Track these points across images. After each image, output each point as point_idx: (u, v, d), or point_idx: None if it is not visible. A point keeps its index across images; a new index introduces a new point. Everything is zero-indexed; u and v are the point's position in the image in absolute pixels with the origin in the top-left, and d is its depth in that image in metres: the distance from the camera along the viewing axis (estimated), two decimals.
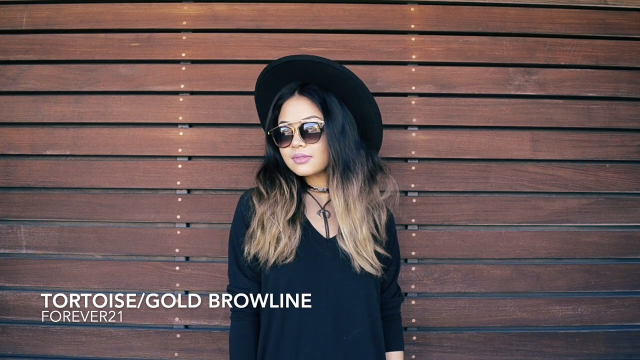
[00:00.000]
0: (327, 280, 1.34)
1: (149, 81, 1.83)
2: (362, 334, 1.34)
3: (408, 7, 1.86)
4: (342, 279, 1.35)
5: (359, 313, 1.35)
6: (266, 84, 1.43)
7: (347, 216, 1.34)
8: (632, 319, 1.80)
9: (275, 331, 1.33)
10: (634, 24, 1.86)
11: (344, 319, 1.33)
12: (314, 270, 1.35)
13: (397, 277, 1.53)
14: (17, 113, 1.83)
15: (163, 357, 1.77)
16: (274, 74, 1.40)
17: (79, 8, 1.85)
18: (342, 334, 1.32)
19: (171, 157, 1.83)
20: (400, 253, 1.57)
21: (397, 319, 1.54)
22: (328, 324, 1.32)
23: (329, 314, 1.32)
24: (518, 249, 1.81)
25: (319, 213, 1.43)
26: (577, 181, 1.83)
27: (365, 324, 1.35)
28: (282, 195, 1.37)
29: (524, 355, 1.78)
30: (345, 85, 1.37)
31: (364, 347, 1.34)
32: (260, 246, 1.35)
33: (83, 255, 1.81)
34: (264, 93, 1.46)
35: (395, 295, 1.52)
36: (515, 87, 1.85)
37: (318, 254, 1.36)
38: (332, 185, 1.35)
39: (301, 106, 1.36)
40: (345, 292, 1.34)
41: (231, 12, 1.85)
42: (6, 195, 1.82)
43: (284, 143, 1.37)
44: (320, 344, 1.31)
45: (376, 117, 1.43)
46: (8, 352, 1.78)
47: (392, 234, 1.51)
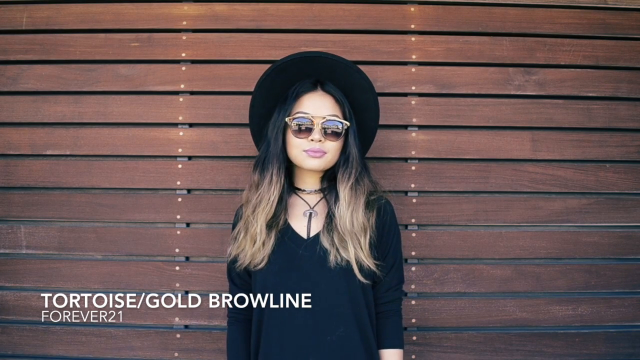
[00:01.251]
0: (304, 281, 1.34)
1: (149, 81, 1.83)
2: (348, 332, 1.32)
3: (408, 7, 1.86)
4: (321, 278, 1.34)
5: (342, 311, 1.33)
6: (278, 75, 1.43)
7: (352, 217, 1.35)
8: (632, 319, 1.80)
9: (263, 334, 1.36)
10: (634, 24, 1.86)
11: (324, 319, 1.32)
12: (287, 272, 1.35)
13: (394, 272, 1.44)
14: (17, 113, 1.83)
15: (163, 357, 1.77)
16: (285, 68, 1.41)
17: (79, 8, 1.85)
18: (324, 333, 1.32)
19: (171, 157, 1.83)
20: (400, 248, 1.49)
21: (393, 315, 1.44)
22: (308, 325, 1.32)
23: (308, 313, 1.32)
24: (518, 249, 1.81)
25: (305, 214, 1.42)
26: (577, 181, 1.83)
27: (350, 323, 1.33)
28: (267, 197, 1.38)
29: (524, 355, 1.78)
30: (350, 79, 1.43)
31: (350, 346, 1.32)
32: (241, 248, 1.38)
33: (83, 255, 1.81)
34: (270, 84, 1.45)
35: (390, 290, 1.43)
36: (515, 87, 1.85)
37: (294, 255, 1.36)
38: (344, 185, 1.38)
39: (327, 103, 1.39)
40: (324, 290, 1.33)
41: (231, 12, 1.85)
42: (6, 195, 1.82)
43: (301, 134, 1.37)
44: (301, 344, 1.31)
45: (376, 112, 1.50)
46: (8, 352, 1.78)
47: (389, 227, 1.45)
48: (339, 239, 1.34)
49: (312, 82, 1.42)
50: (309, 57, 1.41)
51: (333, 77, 1.43)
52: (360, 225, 1.36)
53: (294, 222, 1.41)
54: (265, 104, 1.47)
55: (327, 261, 1.33)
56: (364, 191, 1.40)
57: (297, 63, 1.41)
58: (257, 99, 1.48)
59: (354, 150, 1.40)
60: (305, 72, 1.42)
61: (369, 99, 1.47)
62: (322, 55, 1.43)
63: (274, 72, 1.42)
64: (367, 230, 1.37)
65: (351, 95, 1.44)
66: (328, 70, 1.42)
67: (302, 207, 1.44)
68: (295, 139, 1.38)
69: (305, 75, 1.42)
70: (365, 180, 1.42)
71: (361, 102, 1.47)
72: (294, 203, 1.45)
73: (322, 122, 1.36)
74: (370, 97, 1.47)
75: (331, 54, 1.44)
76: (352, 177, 1.38)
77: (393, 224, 1.47)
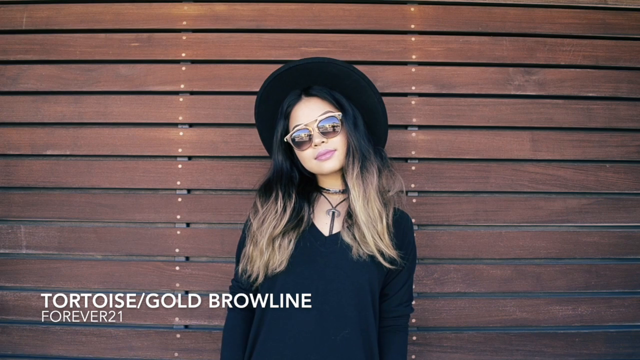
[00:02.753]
0: (318, 278, 1.34)
1: (149, 81, 1.83)
2: (352, 335, 1.31)
3: (408, 7, 1.86)
4: (334, 276, 1.33)
5: (348, 312, 1.32)
6: (267, 97, 1.45)
7: (366, 206, 1.34)
8: (632, 319, 1.80)
9: (263, 327, 1.36)
10: (634, 24, 1.87)
11: (332, 317, 1.32)
12: (305, 271, 1.35)
13: (406, 286, 1.43)
14: (17, 113, 1.83)
15: (163, 357, 1.77)
16: (275, 84, 1.42)
17: (79, 8, 1.85)
18: (329, 332, 1.31)
19: (171, 157, 1.83)
20: (415, 263, 1.47)
21: (400, 331, 1.43)
22: (313, 322, 1.31)
23: (315, 311, 1.32)
24: (518, 249, 1.81)
25: (327, 212, 1.43)
26: (577, 181, 1.83)
27: (354, 325, 1.32)
28: (274, 210, 1.38)
29: (524, 355, 1.78)
30: (348, 80, 1.40)
31: (351, 349, 1.31)
32: (253, 262, 1.38)
33: (83, 255, 1.81)
34: (265, 109, 1.47)
35: (401, 305, 1.42)
36: (515, 87, 1.85)
37: (313, 253, 1.36)
38: (351, 176, 1.36)
39: (312, 106, 1.39)
40: (334, 289, 1.33)
41: (231, 12, 1.85)
42: (6, 195, 1.82)
43: (304, 146, 1.38)
44: (304, 341, 1.31)
45: (381, 107, 1.45)
46: (8, 352, 1.78)
47: (406, 238, 1.43)
48: (360, 234, 1.34)
49: (297, 94, 1.43)
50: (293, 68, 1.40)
51: (335, 82, 1.42)
52: (376, 213, 1.34)
53: (318, 221, 1.41)
54: (271, 118, 1.48)
55: (348, 256, 1.33)
56: (374, 177, 1.37)
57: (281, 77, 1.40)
58: (260, 118, 1.49)
59: (353, 139, 1.38)
60: (303, 78, 1.42)
61: (371, 96, 1.44)
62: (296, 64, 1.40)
63: (269, 86, 1.43)
64: (384, 218, 1.35)
65: (354, 96, 1.43)
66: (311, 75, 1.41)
67: (326, 206, 1.44)
68: (302, 152, 1.39)
69: (304, 82, 1.42)
70: (374, 166, 1.39)
71: (367, 104, 1.45)
72: (320, 203, 1.45)
73: (317, 125, 1.36)
74: (371, 95, 1.45)
75: (327, 58, 1.41)
76: (356, 166, 1.37)
77: (412, 239, 1.45)
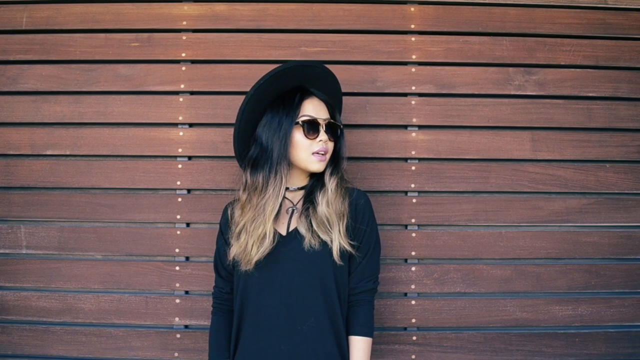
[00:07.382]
0: (282, 275, 1.40)
1: (149, 81, 1.83)
2: (318, 322, 1.38)
3: (408, 7, 1.86)
4: (296, 270, 1.40)
5: (313, 302, 1.39)
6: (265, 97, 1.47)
7: (333, 202, 1.42)
8: (632, 319, 1.80)
9: (242, 325, 1.44)
10: (634, 24, 1.86)
11: (297, 309, 1.39)
12: (269, 271, 1.41)
13: (366, 261, 1.46)
14: (17, 113, 1.83)
15: (163, 357, 1.77)
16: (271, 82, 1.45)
17: (79, 8, 1.85)
18: (295, 323, 1.38)
19: (171, 157, 1.83)
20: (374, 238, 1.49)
21: (365, 304, 1.47)
22: (281, 315, 1.39)
23: (282, 305, 1.39)
24: (518, 249, 1.81)
25: (287, 211, 1.46)
26: (577, 181, 1.83)
27: (321, 313, 1.39)
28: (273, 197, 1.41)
29: (524, 355, 1.78)
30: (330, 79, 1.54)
31: (320, 336, 1.38)
32: (242, 248, 1.41)
33: (83, 255, 1.81)
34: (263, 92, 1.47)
35: (364, 280, 1.46)
36: (515, 87, 1.84)
37: (275, 254, 1.40)
38: (332, 180, 1.46)
39: (323, 108, 1.47)
40: (297, 282, 1.39)
41: (231, 12, 1.85)
42: (6, 195, 1.82)
43: (311, 135, 1.43)
44: (276, 334, 1.38)
45: None
46: (8, 352, 1.78)
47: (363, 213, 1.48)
48: (316, 223, 1.40)
49: (306, 89, 1.48)
50: (305, 66, 1.47)
51: (320, 85, 1.51)
52: (340, 210, 1.42)
53: (277, 222, 1.44)
54: (255, 108, 1.48)
55: (305, 248, 1.38)
56: (344, 184, 1.49)
57: (293, 71, 1.46)
58: (249, 104, 1.48)
59: (343, 148, 1.51)
60: (297, 79, 1.47)
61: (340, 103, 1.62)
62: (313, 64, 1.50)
63: (272, 79, 1.44)
64: (345, 216, 1.43)
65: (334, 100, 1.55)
66: (319, 78, 1.51)
67: (286, 204, 1.48)
68: (304, 140, 1.42)
69: (297, 82, 1.48)
70: (344, 175, 1.52)
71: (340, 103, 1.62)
72: None
73: (326, 124, 1.45)
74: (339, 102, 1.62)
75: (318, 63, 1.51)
76: (340, 173, 1.49)
77: (367, 211, 1.49)
